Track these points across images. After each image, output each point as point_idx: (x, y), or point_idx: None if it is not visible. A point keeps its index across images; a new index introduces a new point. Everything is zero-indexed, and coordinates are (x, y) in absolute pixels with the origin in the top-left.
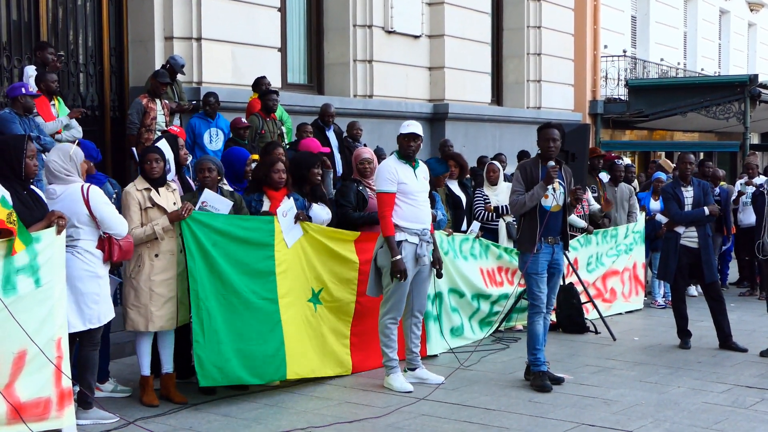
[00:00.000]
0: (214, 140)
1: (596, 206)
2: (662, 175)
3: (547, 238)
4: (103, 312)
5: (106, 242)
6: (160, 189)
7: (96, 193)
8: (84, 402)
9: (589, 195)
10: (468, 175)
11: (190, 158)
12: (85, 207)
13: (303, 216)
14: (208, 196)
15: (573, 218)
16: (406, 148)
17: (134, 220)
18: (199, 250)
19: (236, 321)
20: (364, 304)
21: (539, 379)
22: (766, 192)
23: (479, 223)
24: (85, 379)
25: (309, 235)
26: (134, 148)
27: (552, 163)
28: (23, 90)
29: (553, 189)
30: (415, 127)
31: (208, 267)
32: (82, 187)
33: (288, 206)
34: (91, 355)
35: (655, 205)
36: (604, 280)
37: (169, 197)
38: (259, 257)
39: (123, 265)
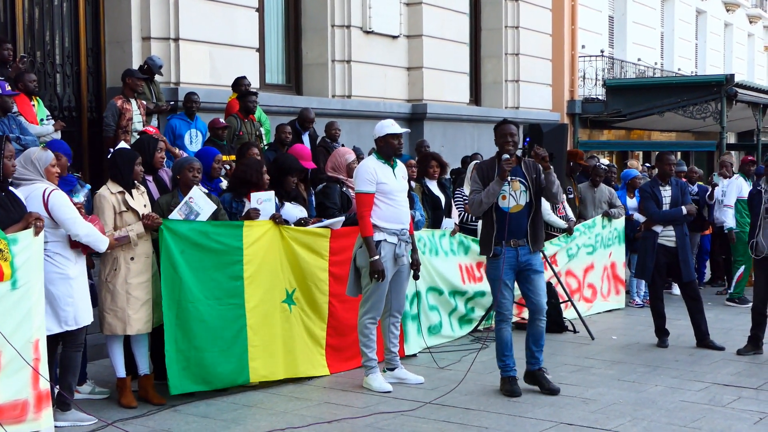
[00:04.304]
0: (194, 141)
1: (570, 215)
2: (636, 172)
3: (509, 241)
4: (80, 314)
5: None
6: (133, 191)
7: (57, 197)
8: (62, 404)
9: (564, 197)
10: (447, 176)
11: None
12: (45, 210)
13: (280, 219)
14: (196, 193)
15: (553, 219)
16: (396, 148)
17: (108, 224)
18: (172, 258)
19: (202, 328)
20: (337, 305)
21: (508, 384)
22: (763, 191)
23: (452, 220)
24: (66, 380)
25: (282, 236)
26: (112, 150)
27: (506, 156)
28: None
29: (511, 187)
30: (400, 125)
31: (178, 275)
32: (45, 190)
33: (266, 196)
34: (74, 356)
35: (631, 202)
36: (585, 273)
37: (140, 200)
38: (227, 263)
39: (94, 266)
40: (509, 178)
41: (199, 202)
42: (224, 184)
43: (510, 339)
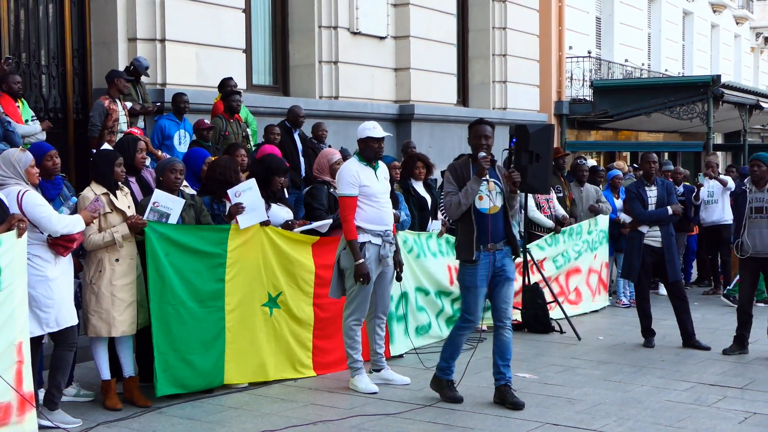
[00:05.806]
0: (183, 142)
1: (561, 211)
2: (618, 172)
3: (486, 245)
4: (63, 315)
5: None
6: (117, 192)
7: (30, 196)
8: (50, 402)
9: (553, 195)
10: (434, 176)
11: (148, 161)
12: (19, 210)
13: (265, 222)
14: (159, 196)
15: (540, 217)
16: (376, 151)
17: (93, 226)
18: (157, 260)
19: (183, 331)
20: (324, 308)
21: (447, 389)
22: (748, 191)
23: (440, 221)
24: (55, 380)
25: (268, 239)
26: (95, 150)
27: (483, 154)
28: None
29: (488, 188)
30: (383, 129)
31: (162, 277)
32: (19, 192)
33: (244, 187)
34: (65, 355)
35: (618, 203)
36: (567, 278)
37: (124, 201)
38: (210, 265)
39: (83, 269)
40: (485, 178)
41: (165, 203)
42: None
43: (461, 345)
